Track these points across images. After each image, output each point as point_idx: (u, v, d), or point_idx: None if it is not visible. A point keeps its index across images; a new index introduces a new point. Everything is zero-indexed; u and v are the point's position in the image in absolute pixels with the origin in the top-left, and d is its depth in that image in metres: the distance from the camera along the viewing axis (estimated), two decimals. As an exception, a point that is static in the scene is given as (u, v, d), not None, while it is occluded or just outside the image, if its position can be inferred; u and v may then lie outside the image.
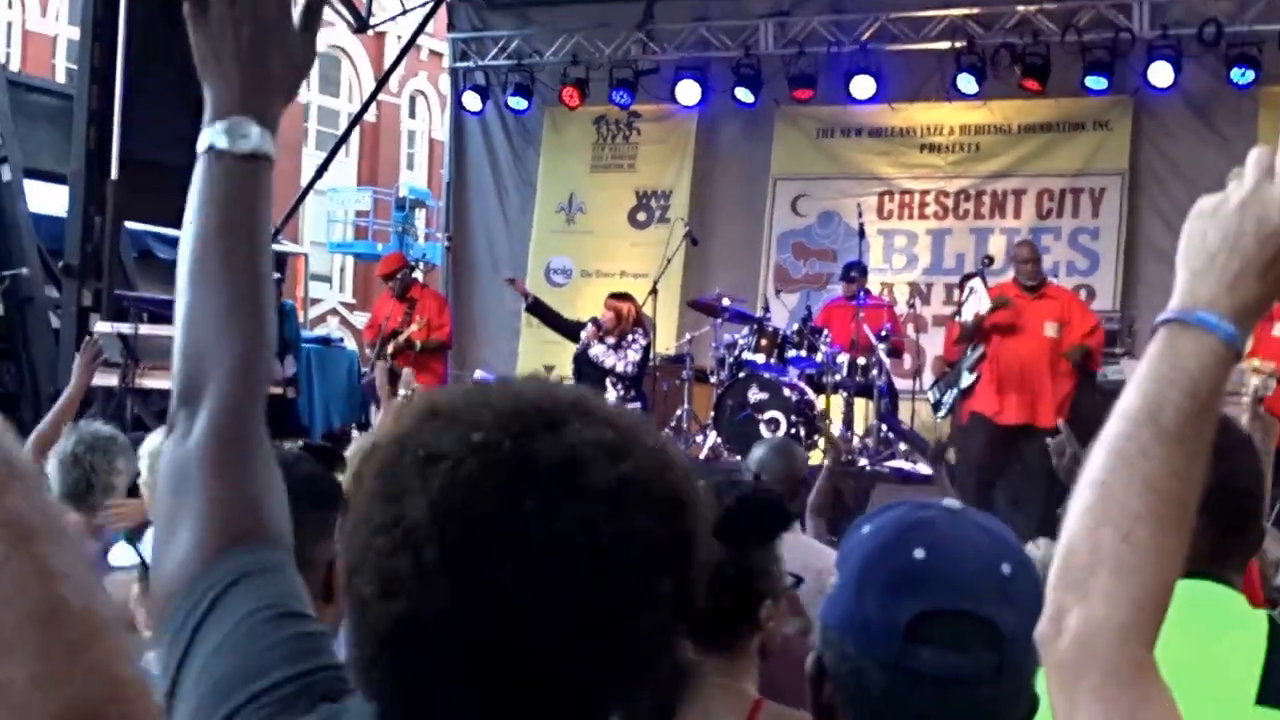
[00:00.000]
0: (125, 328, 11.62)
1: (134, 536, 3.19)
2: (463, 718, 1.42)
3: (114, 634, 1.13)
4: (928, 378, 13.69)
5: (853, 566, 1.89)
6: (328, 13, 20.22)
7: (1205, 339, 1.52)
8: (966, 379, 12.15)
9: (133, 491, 5.12)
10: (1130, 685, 1.45)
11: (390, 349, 13.67)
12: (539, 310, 14.31)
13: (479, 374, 15.62)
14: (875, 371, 12.83)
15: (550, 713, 1.42)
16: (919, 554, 1.83)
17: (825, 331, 12.98)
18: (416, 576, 1.37)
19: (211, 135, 1.82)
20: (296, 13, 1.94)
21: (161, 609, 1.50)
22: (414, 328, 13.70)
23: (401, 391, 4.01)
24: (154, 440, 5.01)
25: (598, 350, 12.67)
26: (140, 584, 3.05)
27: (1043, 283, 12.08)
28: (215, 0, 1.85)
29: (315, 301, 32.75)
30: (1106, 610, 1.46)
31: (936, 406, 13.11)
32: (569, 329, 13.72)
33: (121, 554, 3.49)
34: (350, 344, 19.85)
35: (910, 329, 14.34)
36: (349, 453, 4.20)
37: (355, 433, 13.59)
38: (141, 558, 3.02)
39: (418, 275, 15.45)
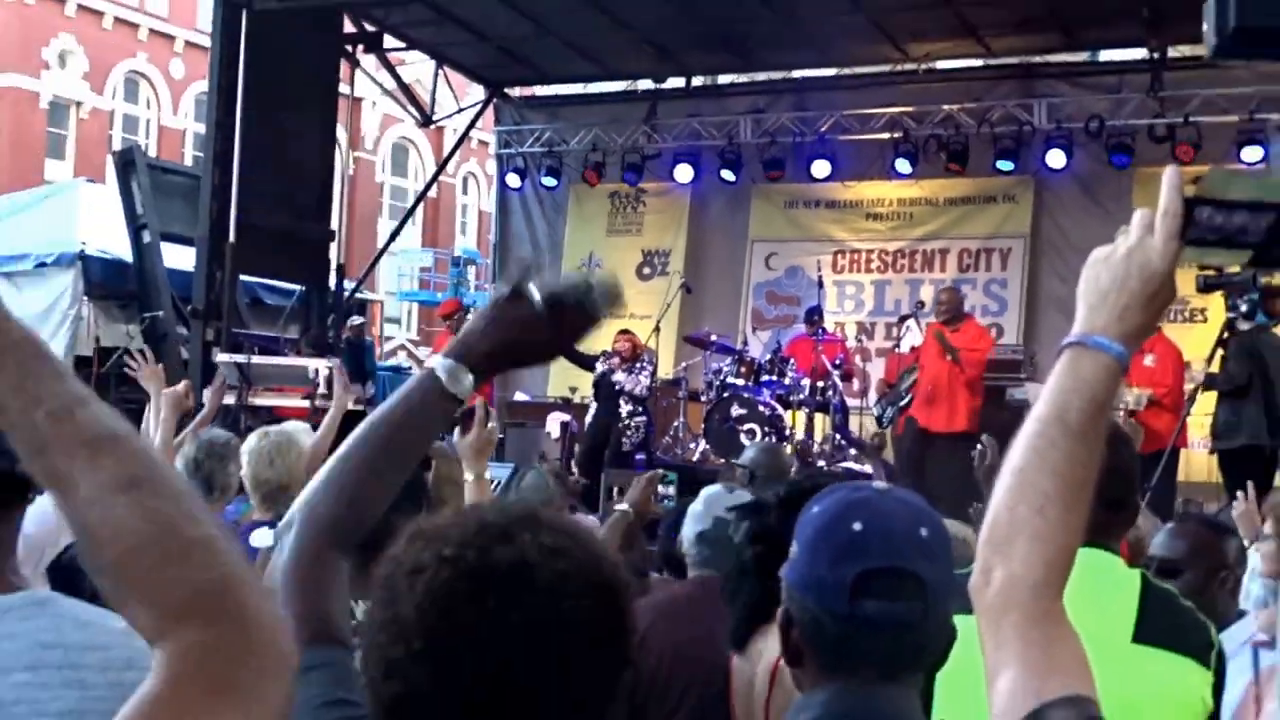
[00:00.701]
0: (240, 358, 11.64)
1: (274, 524, 3.15)
2: None
3: (212, 546, 1.18)
4: (872, 397, 13.68)
5: (807, 538, 1.92)
6: (399, 110, 20.31)
7: (1101, 357, 1.54)
8: (905, 398, 12.16)
9: (242, 487, 5.06)
10: (1042, 625, 1.47)
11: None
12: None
13: (518, 395, 15.62)
14: (831, 392, 12.80)
15: None
16: (857, 526, 1.86)
17: (791, 361, 12.94)
18: (408, 662, 1.42)
19: (441, 364, 1.84)
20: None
21: None
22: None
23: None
24: (251, 441, 5.00)
25: (619, 376, 12.64)
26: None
27: (957, 318, 12.01)
28: (526, 305, 1.86)
29: (389, 339, 32.77)
30: (1024, 568, 1.48)
31: (879, 420, 13.10)
32: (584, 362, 13.70)
33: (261, 538, 3.44)
34: (416, 371, 19.80)
35: (858, 359, 14.30)
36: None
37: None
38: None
39: (470, 316, 15.42)
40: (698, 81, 17.12)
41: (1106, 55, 15.94)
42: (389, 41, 15.71)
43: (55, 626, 1.90)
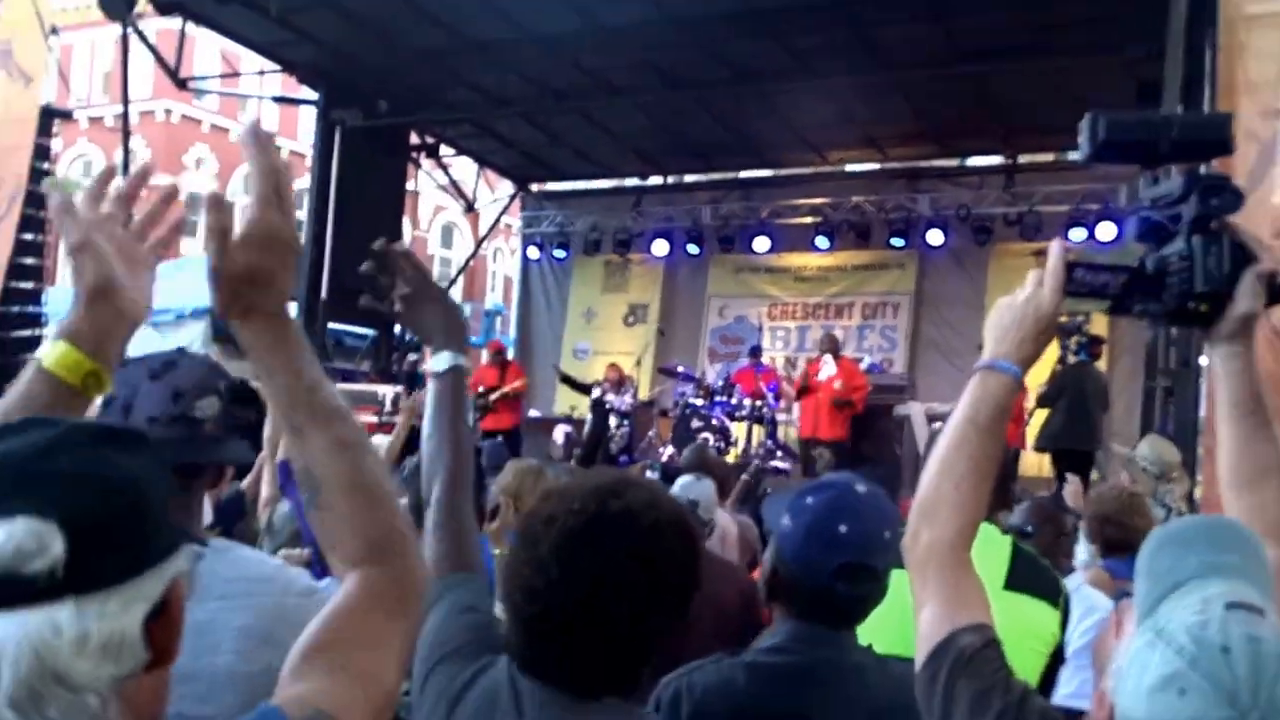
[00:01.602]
0: (328, 384, 11.58)
1: None
2: (564, 663, 1.49)
3: (395, 502, 1.24)
4: (795, 412, 13.67)
5: (803, 524, 1.95)
6: (448, 199, 20.29)
7: (1003, 377, 1.57)
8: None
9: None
10: (956, 572, 1.49)
11: (492, 397, 13.57)
12: (565, 380, 14.24)
13: (533, 412, 15.55)
14: (765, 409, 12.79)
15: (621, 653, 1.49)
16: (843, 529, 1.91)
17: (737, 386, 12.94)
18: (546, 588, 1.45)
19: (429, 363, 1.90)
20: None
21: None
22: (514, 385, 13.63)
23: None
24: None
25: (610, 397, 12.67)
26: None
27: (835, 356, 12.03)
28: (415, 298, 1.93)
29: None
30: (944, 530, 1.50)
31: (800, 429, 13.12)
32: (581, 388, 13.72)
33: None
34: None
35: (786, 385, 14.35)
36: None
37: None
38: None
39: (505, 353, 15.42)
40: (672, 179, 17.16)
41: (973, 161, 16.06)
42: (443, 150, 15.79)
43: (236, 565, 1.92)
